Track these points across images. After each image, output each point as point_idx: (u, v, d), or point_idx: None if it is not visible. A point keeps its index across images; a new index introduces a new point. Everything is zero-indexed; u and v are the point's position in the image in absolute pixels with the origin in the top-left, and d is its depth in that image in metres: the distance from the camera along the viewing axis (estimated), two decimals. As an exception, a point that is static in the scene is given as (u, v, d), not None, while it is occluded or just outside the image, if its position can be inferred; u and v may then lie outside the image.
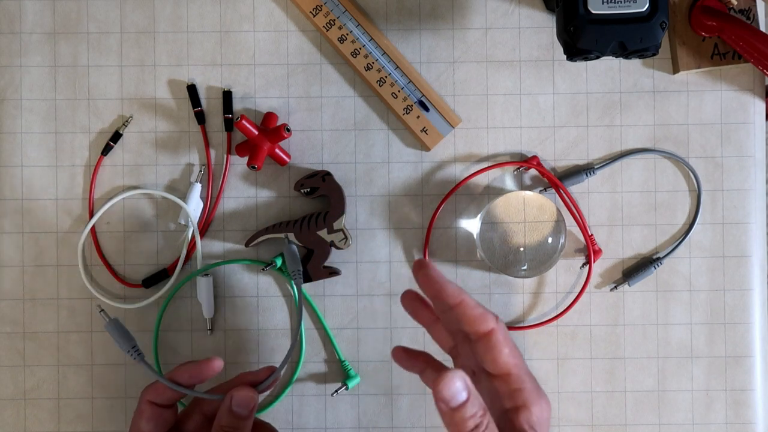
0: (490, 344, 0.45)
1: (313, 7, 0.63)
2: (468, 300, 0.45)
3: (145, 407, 0.51)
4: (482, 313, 0.45)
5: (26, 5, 0.64)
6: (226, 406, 0.50)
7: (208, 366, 0.52)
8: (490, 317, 0.45)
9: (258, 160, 0.61)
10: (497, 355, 0.45)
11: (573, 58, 0.57)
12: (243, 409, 0.50)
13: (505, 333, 0.46)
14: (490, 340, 0.45)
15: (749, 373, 0.65)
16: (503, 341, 0.45)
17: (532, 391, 0.46)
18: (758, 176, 0.65)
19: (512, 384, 0.45)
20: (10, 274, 0.64)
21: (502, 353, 0.45)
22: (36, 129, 0.64)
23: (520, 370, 0.46)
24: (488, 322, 0.45)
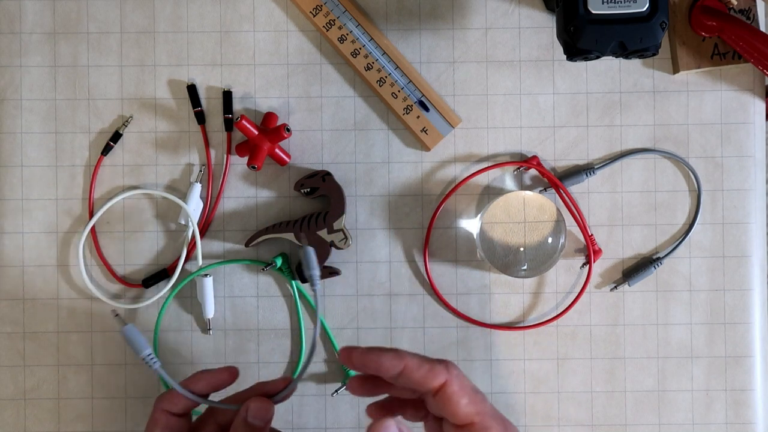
0: (444, 398, 0.43)
1: (313, 7, 0.63)
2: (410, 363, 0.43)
3: (159, 416, 0.50)
4: (429, 369, 0.43)
5: (26, 5, 0.64)
6: (242, 417, 0.49)
7: (225, 375, 0.51)
8: (439, 370, 0.43)
9: (258, 160, 0.61)
10: (455, 408, 0.43)
11: (573, 58, 0.57)
12: (259, 420, 0.48)
13: (461, 381, 0.44)
14: (443, 393, 0.43)
15: (749, 373, 0.65)
16: (459, 392, 0.43)
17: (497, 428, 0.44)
18: (758, 176, 0.65)
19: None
20: (10, 274, 0.64)
21: (460, 405, 0.43)
22: (36, 129, 0.64)
23: (484, 417, 0.44)
24: (438, 377, 0.43)
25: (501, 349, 0.65)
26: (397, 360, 0.43)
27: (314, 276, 0.52)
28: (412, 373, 0.43)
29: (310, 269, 0.53)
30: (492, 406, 0.45)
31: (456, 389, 0.43)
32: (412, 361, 0.43)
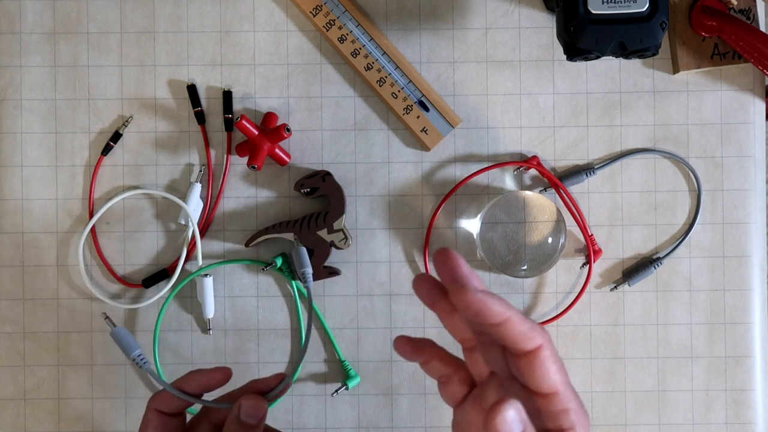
0: (536, 362, 0.40)
1: (313, 7, 0.63)
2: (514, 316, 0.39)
3: (152, 416, 0.50)
4: (530, 328, 0.40)
5: (26, 5, 0.64)
6: (234, 416, 0.48)
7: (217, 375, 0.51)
8: (538, 332, 0.40)
9: (258, 160, 0.61)
10: (544, 374, 0.40)
11: (573, 58, 0.57)
12: (252, 418, 0.48)
13: (552, 348, 0.41)
14: (537, 357, 0.40)
15: (749, 373, 0.65)
16: (551, 357, 0.40)
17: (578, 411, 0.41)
18: (758, 176, 0.65)
19: (558, 404, 0.40)
20: (10, 274, 0.64)
21: (550, 371, 0.40)
22: (36, 129, 0.64)
23: (567, 388, 0.41)
24: (536, 338, 0.40)
25: (501, 349, 0.65)
26: (504, 308, 0.39)
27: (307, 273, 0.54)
28: (514, 327, 0.39)
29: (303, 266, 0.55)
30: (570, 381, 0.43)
31: (549, 354, 0.40)
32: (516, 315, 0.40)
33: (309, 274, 0.56)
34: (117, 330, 0.52)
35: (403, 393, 0.64)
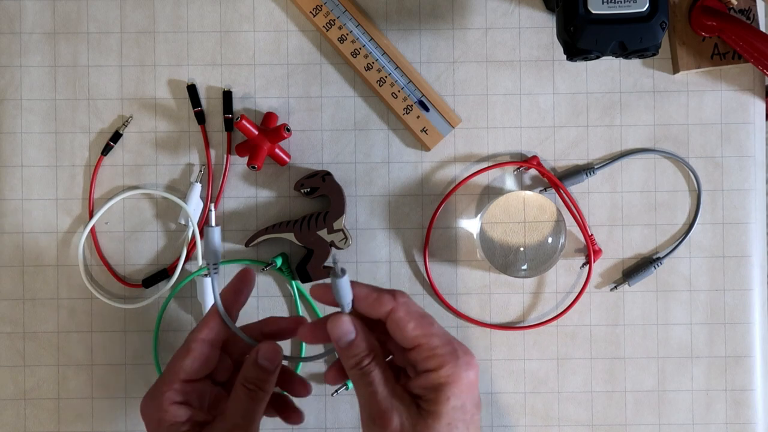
0: (393, 324, 0.46)
1: (313, 7, 0.63)
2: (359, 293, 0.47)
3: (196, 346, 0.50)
4: (376, 298, 0.46)
5: (26, 5, 0.64)
6: (252, 359, 0.49)
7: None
8: (386, 299, 0.46)
9: (258, 160, 0.61)
10: (402, 332, 0.46)
11: (573, 58, 0.57)
12: (269, 362, 0.49)
13: (408, 307, 0.46)
14: (392, 320, 0.46)
15: (749, 373, 0.65)
16: (405, 317, 0.46)
17: (444, 354, 0.45)
18: (758, 176, 0.65)
19: (423, 353, 0.46)
20: (10, 274, 0.64)
21: (407, 329, 0.46)
22: (36, 129, 0.64)
23: (430, 338, 0.46)
24: (385, 305, 0.46)
25: (501, 349, 0.65)
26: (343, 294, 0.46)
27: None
28: (360, 303, 0.47)
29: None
30: (441, 328, 0.47)
31: (402, 315, 0.46)
32: (362, 291, 0.47)
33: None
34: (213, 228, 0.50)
35: (403, 393, 0.64)
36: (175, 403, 0.49)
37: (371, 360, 0.46)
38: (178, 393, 0.49)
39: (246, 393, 0.49)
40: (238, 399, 0.49)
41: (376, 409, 0.45)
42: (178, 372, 0.49)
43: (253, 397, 0.49)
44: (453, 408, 0.45)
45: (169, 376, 0.50)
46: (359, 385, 0.46)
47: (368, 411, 0.45)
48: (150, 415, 0.50)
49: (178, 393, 0.49)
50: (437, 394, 0.45)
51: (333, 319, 0.47)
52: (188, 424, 0.49)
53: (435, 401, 0.45)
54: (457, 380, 0.45)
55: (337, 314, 0.47)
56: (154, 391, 0.50)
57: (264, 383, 0.49)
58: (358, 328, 0.47)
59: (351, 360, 0.46)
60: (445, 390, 0.45)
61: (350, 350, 0.46)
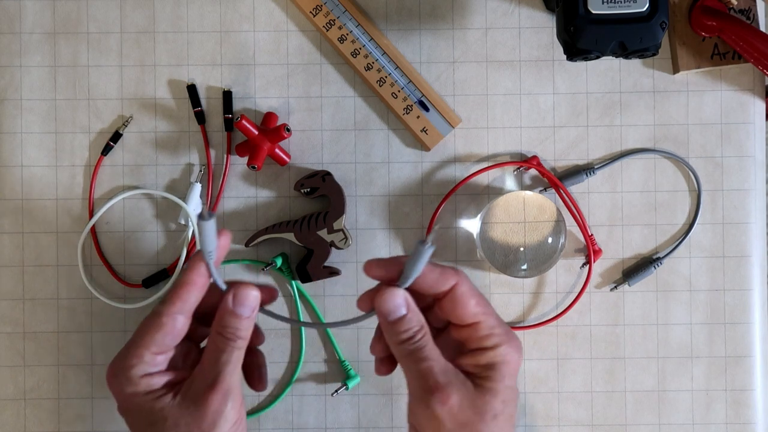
0: (455, 298, 0.46)
1: (313, 7, 0.63)
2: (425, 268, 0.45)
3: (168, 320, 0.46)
4: (440, 273, 0.46)
5: (26, 5, 0.64)
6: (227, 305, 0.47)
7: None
8: (450, 274, 0.46)
9: (258, 160, 0.61)
10: (464, 308, 0.45)
11: (573, 58, 0.57)
12: (243, 308, 0.47)
13: (469, 284, 0.46)
14: (454, 294, 0.46)
15: (749, 373, 0.65)
16: (468, 293, 0.46)
17: (501, 334, 0.46)
18: (758, 176, 0.65)
19: (481, 331, 0.46)
20: (10, 274, 0.64)
21: (469, 305, 0.46)
22: (36, 129, 0.64)
23: (488, 317, 0.46)
24: (449, 280, 0.45)
25: (501, 349, 0.65)
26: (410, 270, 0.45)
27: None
28: (426, 276, 0.45)
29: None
30: (494, 309, 0.47)
31: (465, 290, 0.46)
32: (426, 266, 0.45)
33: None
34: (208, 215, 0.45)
35: (403, 393, 0.64)
36: (147, 375, 0.47)
37: (423, 334, 0.45)
38: (149, 365, 0.47)
39: (223, 341, 0.47)
40: (216, 349, 0.47)
41: (434, 384, 0.44)
42: (148, 345, 0.46)
43: (231, 346, 0.47)
44: (506, 387, 0.46)
45: (137, 349, 0.46)
46: (411, 361, 0.45)
47: (423, 387, 0.44)
48: (120, 389, 0.47)
49: (149, 365, 0.47)
50: (494, 372, 0.45)
51: (384, 293, 0.45)
52: (164, 389, 0.47)
53: (492, 378, 0.45)
54: (511, 361, 0.46)
55: (387, 288, 0.46)
56: (122, 365, 0.47)
57: (240, 330, 0.47)
58: (408, 301, 0.46)
59: (402, 335, 0.45)
60: (501, 369, 0.45)
61: (401, 325, 0.45)
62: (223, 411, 0.46)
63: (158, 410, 0.46)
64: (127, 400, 0.47)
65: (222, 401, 0.46)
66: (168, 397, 0.47)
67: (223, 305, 0.47)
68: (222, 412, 0.46)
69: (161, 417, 0.46)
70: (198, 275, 0.47)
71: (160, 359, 0.47)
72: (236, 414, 0.47)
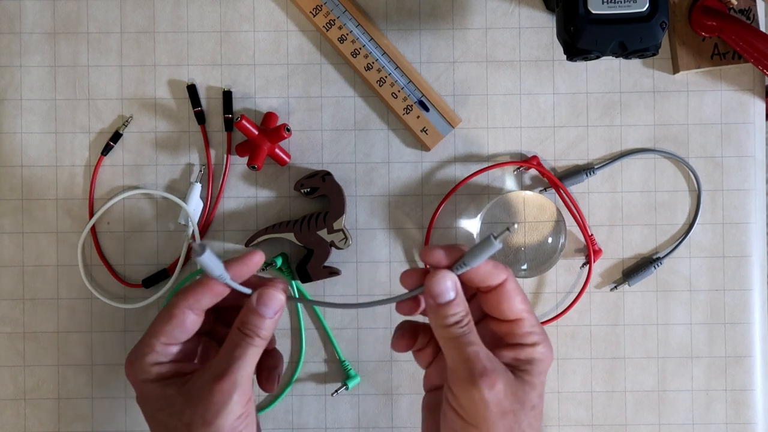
0: (503, 293, 0.47)
1: (313, 7, 0.63)
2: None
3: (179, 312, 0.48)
4: (494, 266, 0.47)
5: (26, 5, 0.64)
6: (251, 303, 0.47)
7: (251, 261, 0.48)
8: (501, 269, 0.47)
9: (258, 160, 0.61)
10: (510, 303, 0.47)
11: (573, 58, 0.57)
12: (267, 308, 0.47)
13: (515, 282, 0.48)
14: (503, 289, 0.47)
15: (749, 373, 0.65)
16: (516, 289, 0.47)
17: (542, 335, 0.48)
18: (758, 176, 0.65)
19: (523, 328, 0.48)
20: (10, 274, 0.64)
21: (515, 301, 0.47)
22: (36, 129, 0.64)
23: (530, 315, 0.48)
24: (501, 274, 0.47)
25: (501, 349, 0.65)
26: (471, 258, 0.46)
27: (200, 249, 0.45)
28: (480, 268, 0.46)
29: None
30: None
31: (513, 286, 0.47)
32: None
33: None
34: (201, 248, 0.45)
35: (403, 393, 0.64)
36: (158, 364, 0.48)
37: (469, 320, 0.47)
38: (159, 354, 0.48)
39: (241, 337, 0.47)
40: (233, 343, 0.47)
41: (482, 368, 0.45)
42: (159, 335, 0.48)
43: (249, 343, 0.47)
44: (542, 383, 0.48)
45: (149, 339, 0.48)
46: (457, 345, 0.46)
47: (471, 370, 0.45)
48: (135, 377, 0.48)
49: (160, 354, 0.48)
50: (533, 367, 0.47)
51: (437, 275, 0.46)
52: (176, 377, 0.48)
53: (531, 372, 0.47)
54: (547, 359, 0.48)
55: (439, 270, 0.46)
56: (136, 353, 0.49)
57: (261, 329, 0.47)
58: (457, 287, 0.47)
59: (449, 318, 0.46)
60: (539, 365, 0.47)
61: (450, 308, 0.46)
62: (227, 402, 0.46)
63: (166, 396, 0.47)
64: (141, 387, 0.48)
65: (227, 393, 0.46)
66: (176, 385, 0.47)
67: (247, 304, 0.48)
68: (226, 404, 0.46)
69: (168, 403, 0.47)
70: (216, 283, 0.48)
71: (172, 350, 0.49)
72: (241, 408, 0.47)
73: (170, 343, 0.48)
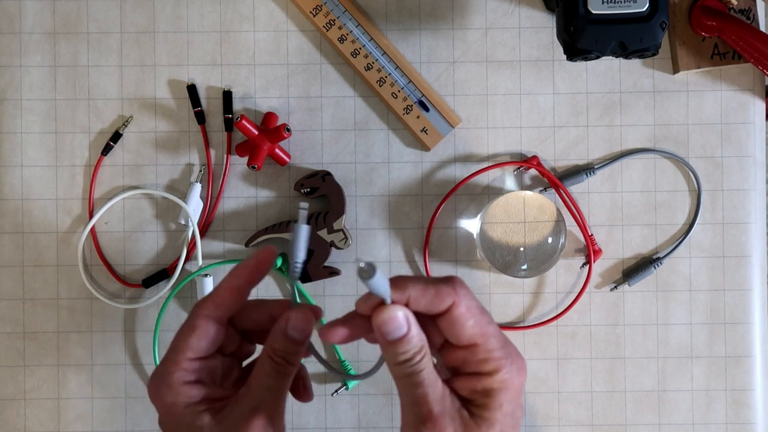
0: (451, 320, 0.42)
1: (313, 7, 0.63)
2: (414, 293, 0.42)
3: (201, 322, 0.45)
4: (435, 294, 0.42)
5: (26, 5, 0.64)
6: (281, 329, 0.44)
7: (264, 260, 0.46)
8: (446, 294, 0.42)
9: (258, 160, 0.61)
10: (460, 329, 0.42)
11: (573, 58, 0.57)
12: (299, 333, 0.44)
13: (468, 302, 0.42)
14: (451, 316, 0.42)
15: (749, 373, 0.65)
16: (466, 314, 0.42)
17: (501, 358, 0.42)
18: (758, 176, 0.65)
19: (479, 354, 0.42)
20: (10, 274, 0.64)
21: (466, 327, 0.42)
22: (36, 129, 0.64)
23: (488, 339, 0.42)
24: (445, 301, 0.42)
25: (501, 349, 0.65)
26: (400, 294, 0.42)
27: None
28: (418, 302, 0.42)
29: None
30: (497, 327, 0.44)
31: (463, 311, 0.42)
32: (416, 290, 0.42)
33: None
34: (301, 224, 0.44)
35: (403, 393, 0.64)
36: (187, 383, 0.44)
37: (422, 357, 0.42)
38: (187, 372, 0.44)
39: (273, 366, 0.44)
40: (264, 373, 0.44)
41: (427, 413, 0.41)
42: (184, 350, 0.44)
43: (280, 371, 0.44)
44: (504, 415, 0.42)
45: (174, 355, 0.45)
46: (406, 385, 0.42)
47: (417, 414, 0.42)
48: (161, 399, 0.45)
49: (188, 372, 0.44)
50: (490, 400, 0.42)
51: (383, 310, 0.42)
52: (205, 404, 0.45)
53: (488, 407, 0.42)
54: (511, 386, 0.43)
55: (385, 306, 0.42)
56: (162, 372, 0.45)
57: (292, 356, 0.45)
58: (409, 320, 0.42)
59: (400, 356, 0.42)
60: (499, 396, 0.42)
61: (401, 345, 0.42)
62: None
63: (197, 427, 0.44)
64: (168, 410, 0.45)
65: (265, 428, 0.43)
66: (207, 416, 0.44)
67: (278, 326, 0.45)
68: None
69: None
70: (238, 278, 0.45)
71: (198, 367, 0.45)
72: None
73: (197, 357, 0.45)
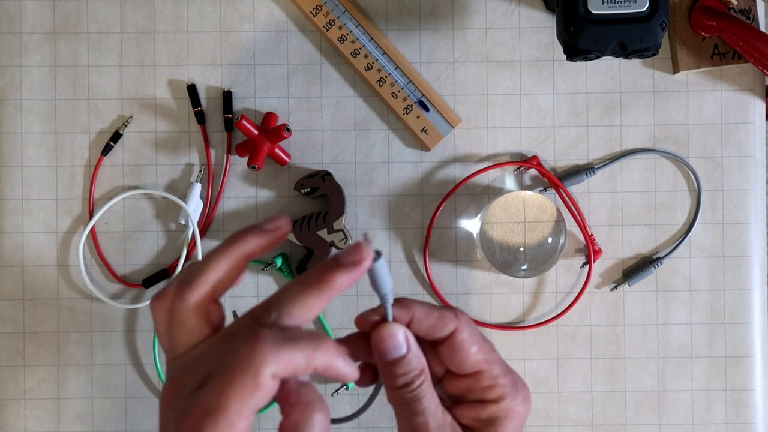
0: (454, 346, 0.41)
1: (313, 7, 0.63)
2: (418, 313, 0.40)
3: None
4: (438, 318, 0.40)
5: (26, 5, 0.64)
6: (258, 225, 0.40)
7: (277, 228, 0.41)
8: (449, 318, 0.40)
9: (258, 160, 0.61)
10: (464, 355, 0.40)
11: (573, 58, 0.57)
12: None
13: (471, 329, 0.41)
14: (454, 341, 0.41)
15: (749, 373, 0.65)
16: (469, 340, 0.41)
17: (506, 386, 0.41)
18: (758, 176, 0.65)
19: (484, 381, 0.41)
20: (10, 274, 0.64)
21: (469, 353, 0.40)
22: (36, 129, 0.64)
23: (492, 365, 0.41)
24: (447, 326, 0.40)
25: (501, 349, 0.64)
26: (404, 312, 0.40)
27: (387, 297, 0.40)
28: (421, 324, 0.40)
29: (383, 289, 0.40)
30: (500, 355, 0.43)
31: (466, 337, 0.41)
32: (420, 310, 0.40)
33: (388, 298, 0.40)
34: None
35: (403, 393, 0.64)
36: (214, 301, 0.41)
37: (422, 381, 0.40)
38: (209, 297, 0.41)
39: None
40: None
41: None
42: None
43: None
44: None
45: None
46: (405, 411, 0.40)
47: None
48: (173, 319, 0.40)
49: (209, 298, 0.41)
50: (494, 429, 0.41)
51: (382, 329, 0.40)
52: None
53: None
54: (516, 415, 0.41)
55: (385, 323, 0.40)
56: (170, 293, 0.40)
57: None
58: (409, 340, 0.40)
59: (399, 379, 0.40)
60: (502, 424, 0.41)
61: (399, 367, 0.40)
62: None
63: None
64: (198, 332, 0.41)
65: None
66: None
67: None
68: None
69: None
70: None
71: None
72: None
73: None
